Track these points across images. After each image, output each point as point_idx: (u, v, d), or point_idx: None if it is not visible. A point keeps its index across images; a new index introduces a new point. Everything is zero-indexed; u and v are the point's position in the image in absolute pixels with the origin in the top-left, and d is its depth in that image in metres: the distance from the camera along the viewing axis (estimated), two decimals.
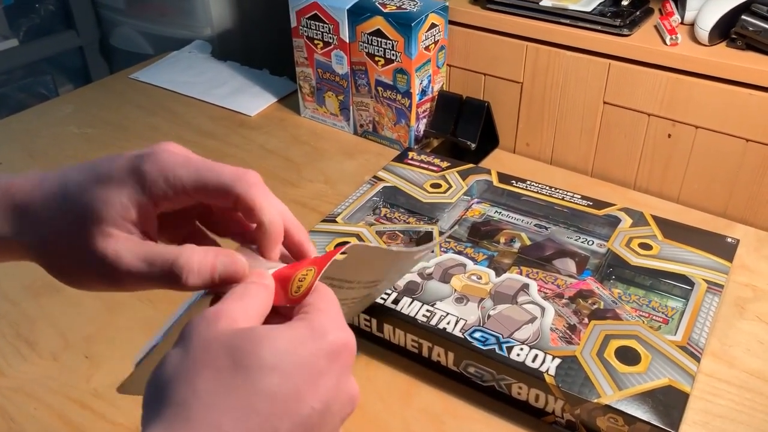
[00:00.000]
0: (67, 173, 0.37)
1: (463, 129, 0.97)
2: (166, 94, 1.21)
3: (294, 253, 0.40)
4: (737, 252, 0.71)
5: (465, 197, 0.81)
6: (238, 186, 0.35)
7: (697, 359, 0.58)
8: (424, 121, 1.00)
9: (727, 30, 0.83)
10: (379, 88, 0.98)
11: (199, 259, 0.35)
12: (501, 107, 1.00)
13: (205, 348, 0.30)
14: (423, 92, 0.97)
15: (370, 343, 0.67)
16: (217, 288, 0.36)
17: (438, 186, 0.83)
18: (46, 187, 0.37)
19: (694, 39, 0.85)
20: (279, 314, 0.35)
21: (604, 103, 0.91)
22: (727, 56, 0.82)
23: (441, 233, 0.75)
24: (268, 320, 0.34)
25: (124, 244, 0.35)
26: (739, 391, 0.61)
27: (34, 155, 1.04)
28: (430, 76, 0.97)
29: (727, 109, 0.82)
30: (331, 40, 0.99)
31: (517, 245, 0.73)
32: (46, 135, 1.09)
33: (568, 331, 0.61)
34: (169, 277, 0.34)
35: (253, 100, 1.16)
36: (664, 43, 0.85)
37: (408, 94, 0.96)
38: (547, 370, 0.56)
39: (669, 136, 0.88)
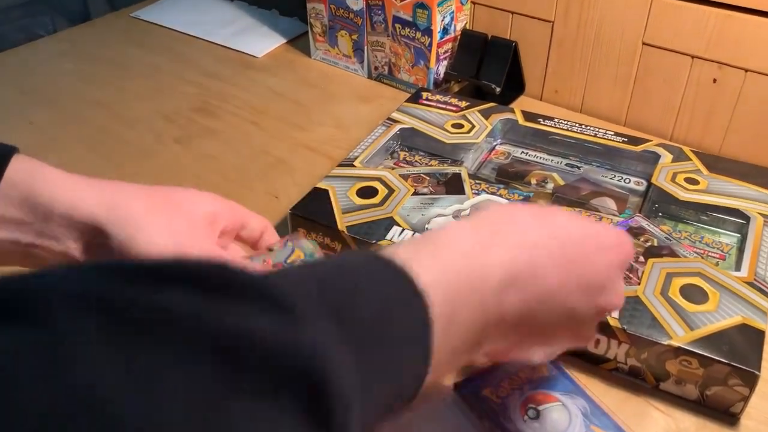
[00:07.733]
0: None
1: (487, 72, 0.89)
2: (169, 33, 1.13)
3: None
4: None
5: (489, 138, 0.74)
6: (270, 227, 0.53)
7: None
8: (445, 63, 0.93)
9: None
10: (397, 26, 0.91)
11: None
12: (529, 49, 0.92)
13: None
14: (445, 30, 0.89)
15: None
16: None
17: (460, 126, 0.76)
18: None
19: None
20: None
21: (643, 44, 0.83)
22: None
23: (469, 175, 0.68)
24: None
25: None
26: None
27: (27, 92, 0.97)
28: (452, 13, 0.89)
29: None
30: None
31: (550, 186, 0.68)
32: (40, 72, 1.02)
33: (625, 271, 0.55)
34: None
35: (261, 40, 1.09)
36: None
37: (428, 32, 0.88)
38: (610, 313, 0.50)
39: (714, 81, 0.80)
